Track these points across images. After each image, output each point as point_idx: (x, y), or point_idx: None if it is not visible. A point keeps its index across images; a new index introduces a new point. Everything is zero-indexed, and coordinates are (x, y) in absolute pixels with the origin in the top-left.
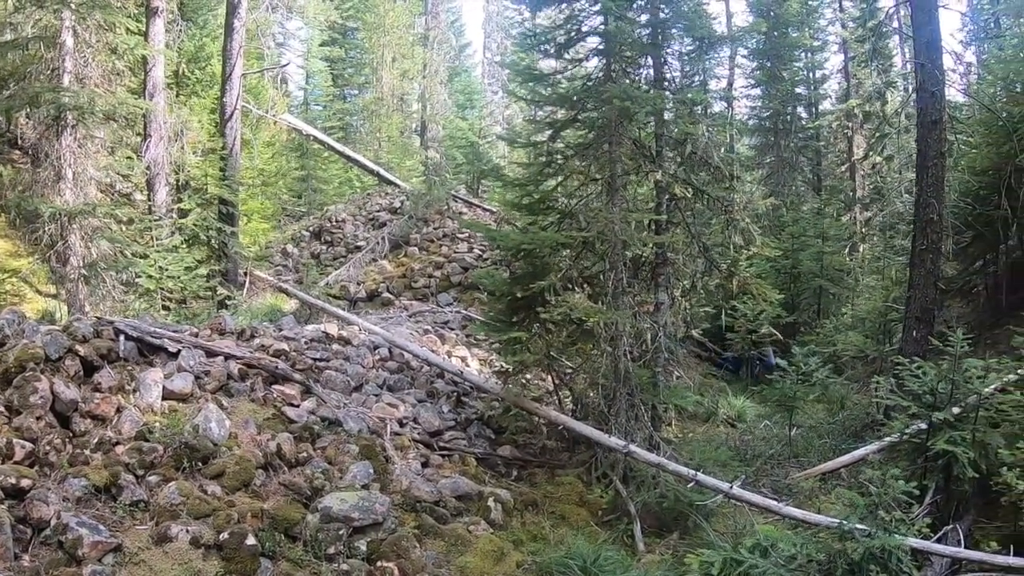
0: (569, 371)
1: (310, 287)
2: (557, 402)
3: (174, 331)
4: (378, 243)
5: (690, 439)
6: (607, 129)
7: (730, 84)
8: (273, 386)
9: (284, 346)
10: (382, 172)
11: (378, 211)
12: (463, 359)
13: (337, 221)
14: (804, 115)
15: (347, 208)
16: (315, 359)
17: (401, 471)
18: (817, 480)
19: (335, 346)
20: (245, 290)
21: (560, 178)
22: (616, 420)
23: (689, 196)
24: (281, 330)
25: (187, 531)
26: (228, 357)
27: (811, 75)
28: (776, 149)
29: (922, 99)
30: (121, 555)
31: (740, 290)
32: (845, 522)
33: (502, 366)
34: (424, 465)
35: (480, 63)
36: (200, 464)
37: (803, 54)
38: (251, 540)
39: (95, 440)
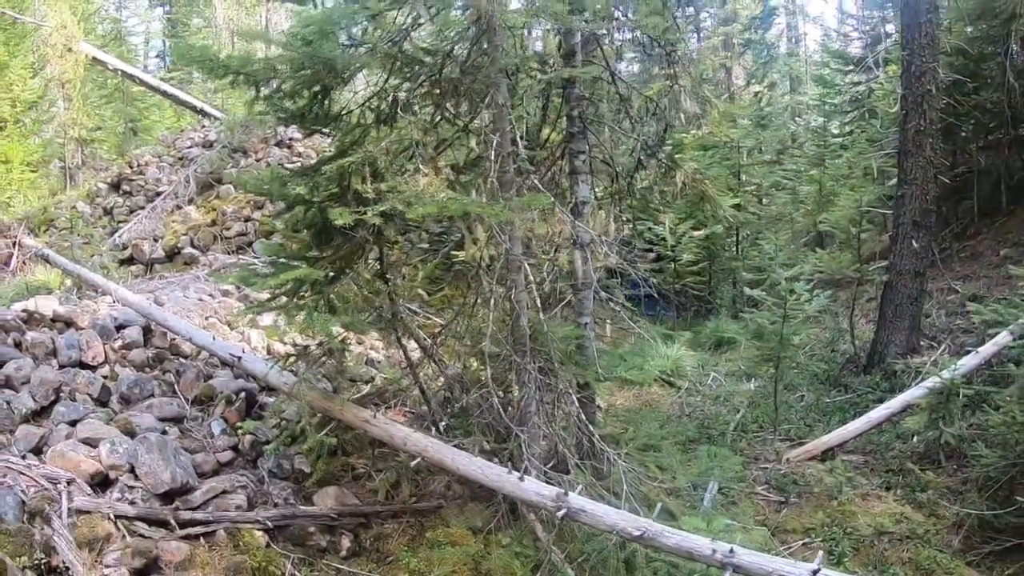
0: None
1: (94, 248)
2: (419, 391)
3: None
4: (182, 184)
5: (636, 432)
6: None
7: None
8: None
9: None
10: (207, 108)
11: (188, 147)
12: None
13: (139, 165)
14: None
15: (153, 150)
16: None
17: None
18: (818, 460)
19: (32, 334)
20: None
21: None
22: (526, 426)
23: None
24: None
25: None
26: None
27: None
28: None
29: None
30: None
31: (685, 194)
32: None
33: (294, 342)
34: (146, 571)
35: None
36: None
37: None
38: None
39: None
